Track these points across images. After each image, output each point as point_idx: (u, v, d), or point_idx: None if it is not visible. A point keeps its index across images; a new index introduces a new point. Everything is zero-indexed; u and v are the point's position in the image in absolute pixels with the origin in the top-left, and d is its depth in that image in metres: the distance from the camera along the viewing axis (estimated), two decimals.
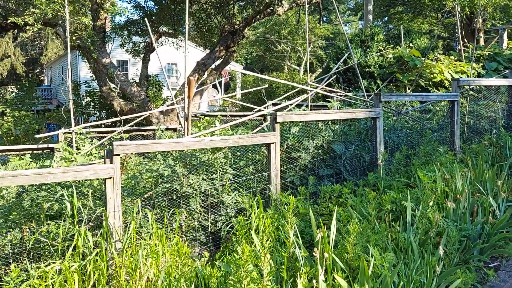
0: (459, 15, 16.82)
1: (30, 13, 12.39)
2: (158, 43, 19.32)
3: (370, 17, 21.27)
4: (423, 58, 11.91)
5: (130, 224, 4.05)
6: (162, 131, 6.97)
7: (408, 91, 11.29)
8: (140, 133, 8.05)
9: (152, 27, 18.84)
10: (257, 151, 5.75)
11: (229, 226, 4.94)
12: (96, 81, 16.48)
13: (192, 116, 8.95)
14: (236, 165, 5.43)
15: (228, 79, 39.73)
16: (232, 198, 4.95)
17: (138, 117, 9.40)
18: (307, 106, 9.30)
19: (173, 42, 19.38)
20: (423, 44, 14.74)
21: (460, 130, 7.32)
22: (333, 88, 13.62)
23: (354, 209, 4.76)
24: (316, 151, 5.93)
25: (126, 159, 4.79)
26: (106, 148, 4.28)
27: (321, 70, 27.41)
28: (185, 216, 4.98)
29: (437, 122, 7.84)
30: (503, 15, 20.36)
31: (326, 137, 5.96)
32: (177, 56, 24.23)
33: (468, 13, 17.87)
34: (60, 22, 14.57)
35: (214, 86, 42.21)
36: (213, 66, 17.80)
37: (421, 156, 6.56)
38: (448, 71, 11.42)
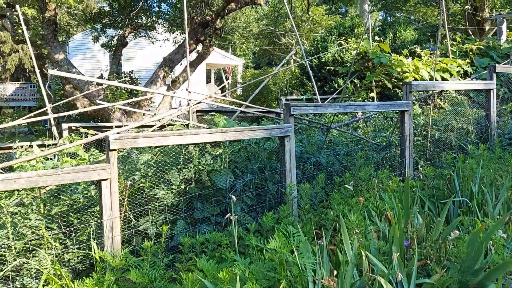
0: (462, 4, 14.88)
1: None
2: (132, 36, 17.98)
3: (366, 6, 19.16)
4: (393, 54, 9.98)
5: None
6: (26, 148, 5.40)
7: (372, 94, 9.45)
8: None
9: (126, 19, 17.55)
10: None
11: None
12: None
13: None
14: (55, 211, 3.89)
15: (230, 75, 38.27)
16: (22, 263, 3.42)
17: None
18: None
19: (147, 36, 17.92)
20: (408, 37, 12.70)
21: (412, 149, 5.62)
22: (306, 87, 11.93)
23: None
24: (187, 186, 4.34)
25: None
26: None
27: None
28: None
29: (388, 137, 6.14)
30: (505, 2, 17.99)
31: (201, 166, 4.36)
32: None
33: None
34: (8, 14, 13.23)
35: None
36: (184, 62, 16.25)
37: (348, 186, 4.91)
38: (426, 69, 9.47)
